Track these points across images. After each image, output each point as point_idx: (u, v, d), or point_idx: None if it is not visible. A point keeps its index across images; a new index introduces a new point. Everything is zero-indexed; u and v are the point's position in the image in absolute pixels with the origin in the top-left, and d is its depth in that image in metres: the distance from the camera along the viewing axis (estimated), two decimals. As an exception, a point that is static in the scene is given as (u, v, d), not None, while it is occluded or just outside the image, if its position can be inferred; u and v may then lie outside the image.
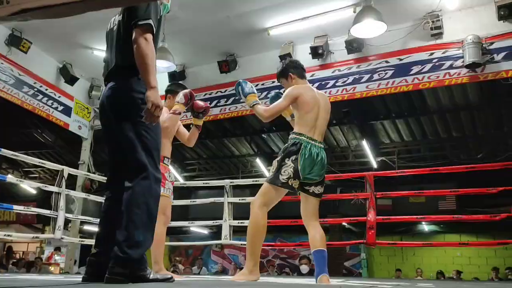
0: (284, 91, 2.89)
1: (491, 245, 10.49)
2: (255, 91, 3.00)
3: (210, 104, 6.61)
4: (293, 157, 2.62)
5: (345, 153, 10.41)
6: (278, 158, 2.69)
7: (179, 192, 10.29)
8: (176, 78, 6.69)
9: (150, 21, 2.06)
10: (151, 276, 1.95)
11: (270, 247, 13.24)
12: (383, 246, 10.29)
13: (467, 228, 10.89)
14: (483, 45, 5.02)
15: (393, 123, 8.84)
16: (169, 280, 2.10)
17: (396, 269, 11.61)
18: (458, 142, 9.27)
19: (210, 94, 6.67)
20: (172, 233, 12.61)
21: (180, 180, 10.90)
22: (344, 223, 11.31)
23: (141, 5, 2.09)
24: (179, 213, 10.93)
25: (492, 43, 5.05)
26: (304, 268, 8.33)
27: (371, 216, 4.72)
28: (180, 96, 3.15)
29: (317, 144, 2.73)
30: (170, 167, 3.42)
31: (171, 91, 3.40)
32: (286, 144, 2.74)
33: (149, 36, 2.06)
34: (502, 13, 4.88)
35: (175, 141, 3.53)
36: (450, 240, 11.26)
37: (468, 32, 5.07)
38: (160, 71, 6.33)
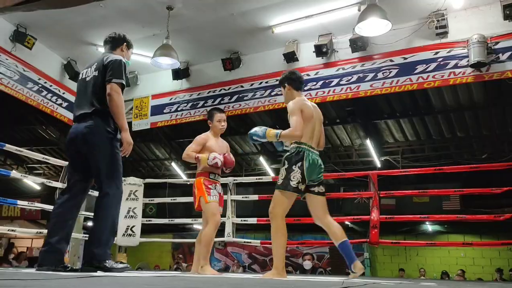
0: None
1: (495, 245, 10.41)
2: (264, 127, 3.19)
3: (213, 102, 6.65)
4: (299, 164, 2.92)
5: (349, 152, 10.40)
6: (285, 167, 2.96)
7: (183, 189, 10.31)
8: (180, 75, 6.70)
9: (123, 81, 2.77)
10: (110, 266, 2.56)
11: (273, 246, 13.25)
12: (386, 245, 10.26)
13: (471, 228, 10.84)
14: (489, 45, 4.98)
15: (397, 123, 8.82)
16: (124, 269, 2.63)
17: (399, 268, 11.59)
18: (462, 142, 9.24)
19: (213, 92, 6.66)
20: (175, 230, 12.66)
21: (184, 178, 10.93)
22: (347, 222, 11.26)
23: (115, 66, 2.77)
24: (182, 210, 11.01)
25: (497, 43, 5.01)
26: (307, 264, 8.32)
27: (375, 215, 4.71)
28: (212, 159, 3.65)
29: (315, 151, 3.04)
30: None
31: (209, 117, 3.94)
32: (289, 153, 3.00)
33: (120, 90, 2.75)
34: (507, 12, 4.84)
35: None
36: (453, 240, 11.21)
37: (474, 32, 5.04)
38: (164, 68, 6.35)
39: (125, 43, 3.08)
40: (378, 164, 9.90)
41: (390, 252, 12.87)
